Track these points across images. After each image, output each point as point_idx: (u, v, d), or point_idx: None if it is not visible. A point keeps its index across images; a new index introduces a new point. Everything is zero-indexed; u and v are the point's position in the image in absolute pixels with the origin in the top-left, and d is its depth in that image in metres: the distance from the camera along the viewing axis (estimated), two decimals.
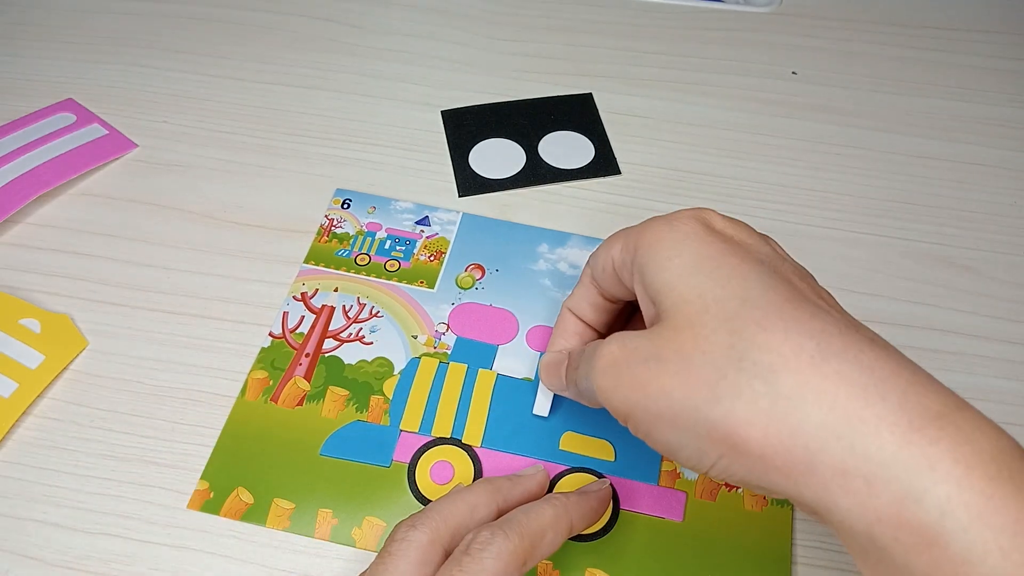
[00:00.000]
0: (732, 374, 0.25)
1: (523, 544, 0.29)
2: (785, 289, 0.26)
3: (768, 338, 0.25)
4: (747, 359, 0.25)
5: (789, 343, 0.25)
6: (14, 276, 0.43)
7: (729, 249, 0.28)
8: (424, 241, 0.45)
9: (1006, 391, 0.40)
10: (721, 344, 0.26)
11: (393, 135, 0.51)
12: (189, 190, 0.47)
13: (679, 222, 0.29)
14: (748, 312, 0.26)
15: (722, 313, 0.26)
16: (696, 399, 0.26)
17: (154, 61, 0.55)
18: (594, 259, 0.33)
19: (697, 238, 0.28)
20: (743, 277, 0.27)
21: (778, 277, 0.27)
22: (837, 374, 0.24)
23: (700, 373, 0.26)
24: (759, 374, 0.25)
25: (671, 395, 0.26)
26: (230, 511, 0.36)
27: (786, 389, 0.24)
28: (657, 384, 0.27)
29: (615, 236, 0.32)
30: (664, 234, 0.29)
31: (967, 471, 0.22)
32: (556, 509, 0.31)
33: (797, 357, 0.24)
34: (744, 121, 0.52)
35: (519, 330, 0.41)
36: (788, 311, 0.25)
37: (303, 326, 0.41)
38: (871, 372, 0.24)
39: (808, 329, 0.25)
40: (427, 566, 0.29)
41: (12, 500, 0.36)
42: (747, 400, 0.25)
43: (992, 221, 0.47)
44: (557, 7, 0.59)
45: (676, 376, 0.26)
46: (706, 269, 0.27)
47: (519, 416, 0.38)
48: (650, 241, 0.29)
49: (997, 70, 0.55)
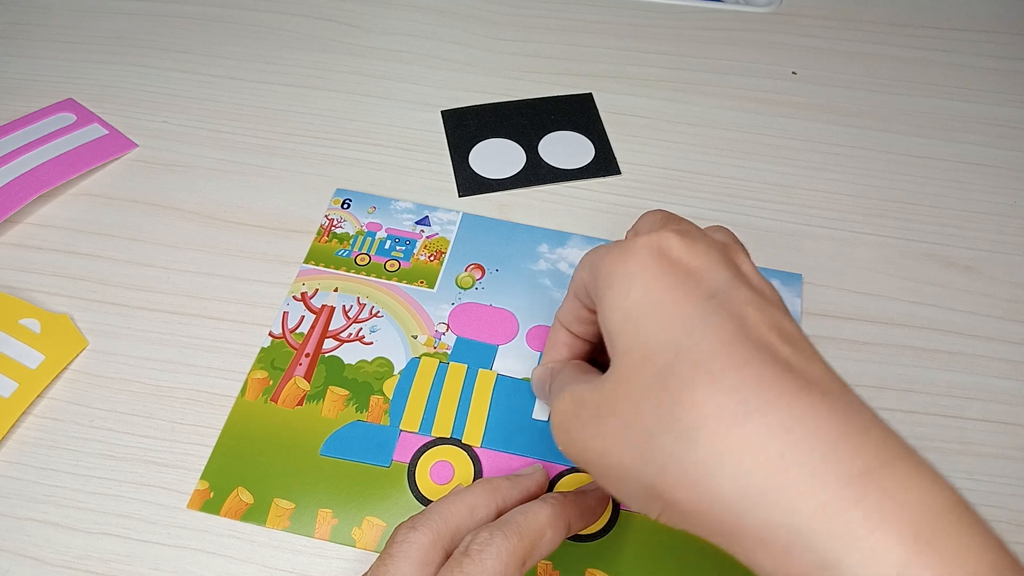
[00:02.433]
0: (659, 435, 0.25)
1: (522, 544, 0.29)
2: (727, 330, 0.25)
3: (692, 396, 0.24)
4: (672, 419, 0.24)
5: (711, 402, 0.24)
6: (14, 276, 0.43)
7: (677, 284, 0.27)
8: (424, 241, 0.45)
9: (1006, 391, 0.40)
10: (651, 403, 0.25)
11: (393, 135, 0.51)
12: (189, 190, 0.47)
13: (633, 253, 0.28)
14: (679, 365, 0.25)
15: (656, 366, 0.25)
16: (630, 461, 0.26)
17: (154, 61, 0.55)
18: (573, 276, 0.33)
19: (647, 273, 0.27)
20: (684, 320, 0.26)
21: (723, 314, 0.26)
22: (757, 436, 0.23)
23: (632, 434, 0.26)
24: (682, 436, 0.24)
25: (610, 454, 0.26)
26: (230, 511, 0.36)
27: (704, 454, 0.24)
28: (598, 443, 0.27)
29: (585, 260, 0.31)
30: (617, 267, 0.28)
31: (886, 536, 0.21)
32: (555, 508, 0.31)
33: (717, 418, 0.24)
34: (744, 121, 0.52)
35: (519, 330, 0.41)
36: (719, 361, 0.24)
37: (303, 326, 0.41)
38: (791, 432, 0.23)
39: (734, 383, 0.24)
40: (428, 567, 0.29)
41: (12, 500, 0.36)
42: (672, 463, 0.24)
43: (992, 221, 0.47)
44: (557, 7, 0.59)
45: (612, 436, 0.26)
46: (650, 312, 0.26)
47: (519, 416, 0.38)
48: (605, 275, 0.28)
49: (997, 70, 0.55)
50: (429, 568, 0.29)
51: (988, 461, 0.38)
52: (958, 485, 0.36)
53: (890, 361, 0.41)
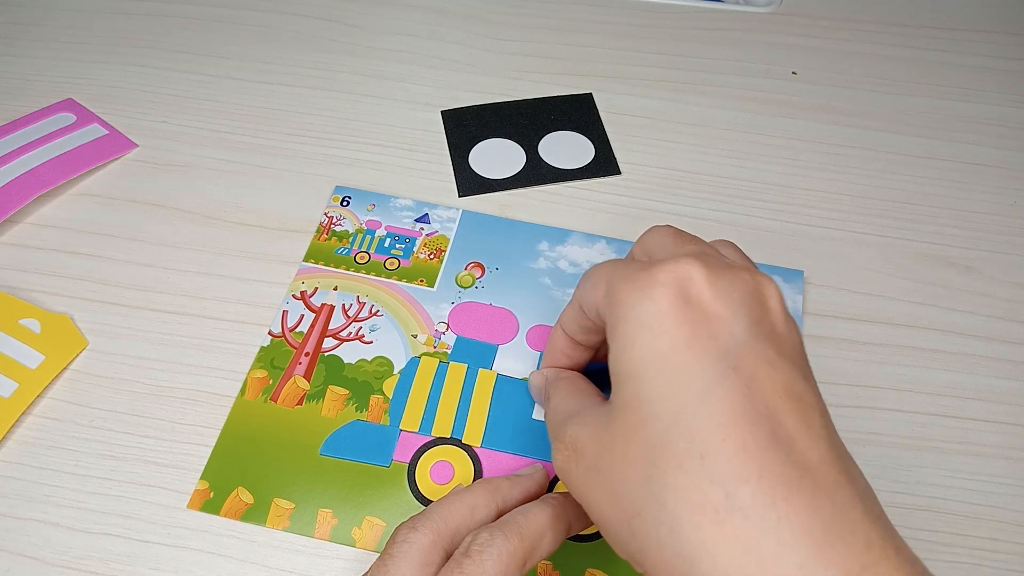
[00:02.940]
0: (645, 513, 0.24)
1: (523, 545, 0.29)
2: (728, 403, 0.24)
3: (681, 481, 0.24)
4: (658, 500, 0.24)
5: (699, 492, 0.23)
6: (14, 276, 0.43)
7: (693, 338, 0.25)
8: (424, 239, 0.45)
9: (1006, 391, 0.40)
10: (641, 475, 0.25)
11: (393, 135, 0.51)
12: (189, 190, 0.47)
13: (653, 290, 0.26)
14: (672, 440, 0.24)
15: (649, 435, 0.25)
16: (619, 527, 0.26)
17: (154, 61, 0.55)
18: (581, 291, 0.31)
19: (664, 320, 0.26)
20: (689, 386, 0.25)
21: (727, 384, 0.24)
22: (736, 537, 0.23)
23: (621, 503, 0.25)
24: (666, 521, 0.24)
25: (603, 511, 0.27)
26: (230, 511, 0.36)
27: (685, 545, 0.23)
28: (594, 495, 0.27)
29: (600, 275, 0.30)
30: (635, 303, 0.26)
31: None
32: (555, 509, 0.31)
33: (703, 511, 0.23)
34: (744, 121, 0.52)
35: (519, 330, 0.41)
36: (711, 443, 0.24)
37: (303, 325, 0.41)
38: (775, 534, 0.22)
39: (723, 474, 0.23)
40: (428, 567, 0.29)
41: (12, 500, 0.36)
42: (655, 546, 0.24)
43: (992, 221, 0.47)
44: (557, 7, 0.59)
45: (606, 496, 0.26)
46: (657, 369, 0.25)
47: (519, 416, 0.38)
48: (620, 308, 0.27)
49: (997, 70, 0.55)
50: (429, 568, 0.29)
51: (988, 461, 0.38)
52: (958, 485, 0.37)
53: (890, 361, 0.41)
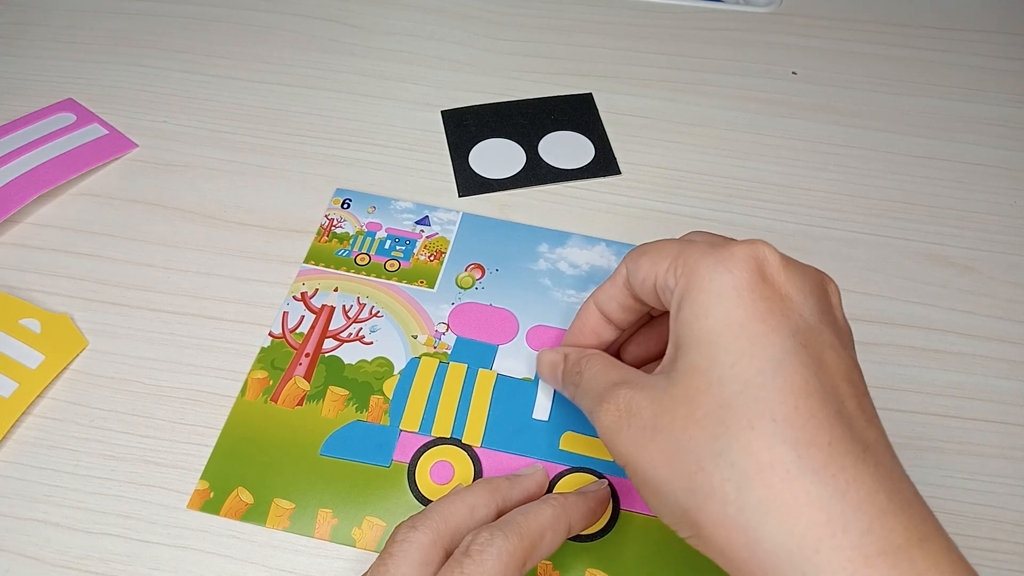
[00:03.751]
0: (710, 470, 0.25)
1: (523, 544, 0.29)
2: (800, 375, 0.25)
3: (751, 440, 0.24)
4: (726, 457, 0.25)
5: (770, 451, 0.24)
6: (14, 276, 0.43)
7: (769, 312, 0.26)
8: (424, 241, 0.45)
9: (1006, 391, 0.40)
10: (708, 433, 0.25)
11: (393, 135, 0.51)
12: (189, 190, 0.47)
13: (734, 264, 0.27)
14: (744, 403, 0.25)
15: (721, 396, 0.25)
16: (675, 484, 0.26)
17: (154, 61, 0.55)
18: (635, 266, 0.31)
19: (741, 292, 0.26)
20: (763, 356, 0.25)
21: (803, 357, 0.25)
22: (807, 495, 0.23)
23: (682, 459, 0.26)
24: (733, 478, 0.24)
25: (656, 471, 0.26)
26: (230, 511, 0.36)
27: (754, 501, 0.24)
28: (647, 454, 0.27)
29: (663, 250, 0.30)
30: (714, 275, 0.27)
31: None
32: (555, 509, 0.31)
33: (772, 469, 0.24)
34: (744, 121, 0.52)
35: (519, 330, 0.41)
36: (786, 408, 0.24)
37: (303, 326, 0.41)
38: (843, 497, 0.23)
39: (796, 437, 0.24)
40: (428, 566, 0.29)
41: (12, 500, 0.36)
42: (717, 501, 0.24)
43: (992, 221, 0.47)
44: (557, 7, 0.59)
45: (662, 454, 0.26)
46: (732, 336, 0.26)
47: (519, 416, 0.38)
48: (700, 280, 0.27)
49: (997, 70, 0.55)
50: (429, 568, 0.29)
51: (988, 461, 0.38)
52: (958, 485, 0.37)
53: (890, 361, 0.41)
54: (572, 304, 0.42)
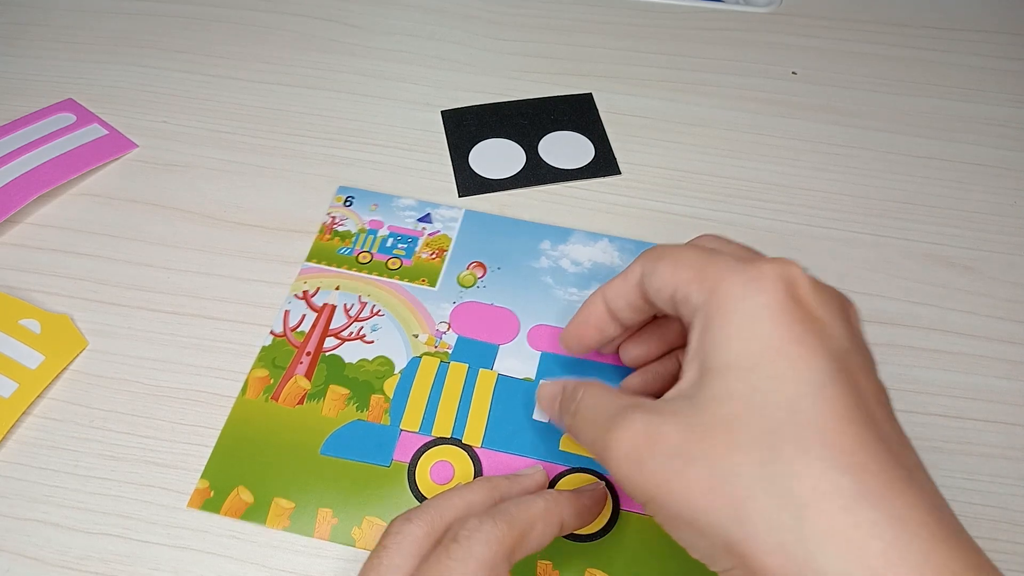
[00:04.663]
0: (761, 497, 0.23)
1: (512, 532, 0.28)
2: (843, 400, 0.24)
3: (805, 467, 0.23)
4: (779, 484, 0.23)
5: (826, 478, 0.23)
6: (14, 276, 0.43)
7: (806, 335, 0.25)
8: (426, 238, 0.45)
9: (1006, 391, 0.40)
10: (755, 459, 0.24)
11: (393, 135, 0.51)
12: (189, 190, 0.47)
13: (766, 284, 0.26)
14: (793, 428, 0.24)
15: (766, 422, 0.24)
16: (718, 513, 0.24)
17: (154, 61, 0.55)
18: (652, 269, 0.30)
19: (775, 313, 0.25)
20: (803, 376, 0.24)
21: (840, 382, 0.25)
22: (868, 524, 0.23)
23: (727, 487, 0.24)
24: (788, 507, 0.23)
25: (694, 502, 0.25)
26: (230, 510, 0.36)
27: (813, 530, 0.23)
28: (681, 485, 0.25)
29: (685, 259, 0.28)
30: (747, 294, 0.26)
31: None
32: (547, 503, 0.30)
33: (830, 497, 0.23)
34: (744, 121, 0.52)
35: (520, 330, 0.41)
36: (835, 434, 0.24)
37: (304, 324, 0.41)
38: (902, 524, 0.23)
39: (849, 463, 0.23)
40: (421, 559, 0.29)
41: (12, 500, 0.36)
42: (772, 530, 0.23)
43: (992, 221, 0.47)
44: (557, 7, 0.59)
45: (701, 482, 0.24)
46: (772, 362, 0.25)
47: (520, 416, 0.38)
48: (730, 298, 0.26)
49: (997, 70, 0.55)
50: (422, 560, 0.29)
51: (988, 461, 0.38)
52: (958, 485, 0.37)
53: (890, 361, 0.41)
54: (573, 302, 0.42)
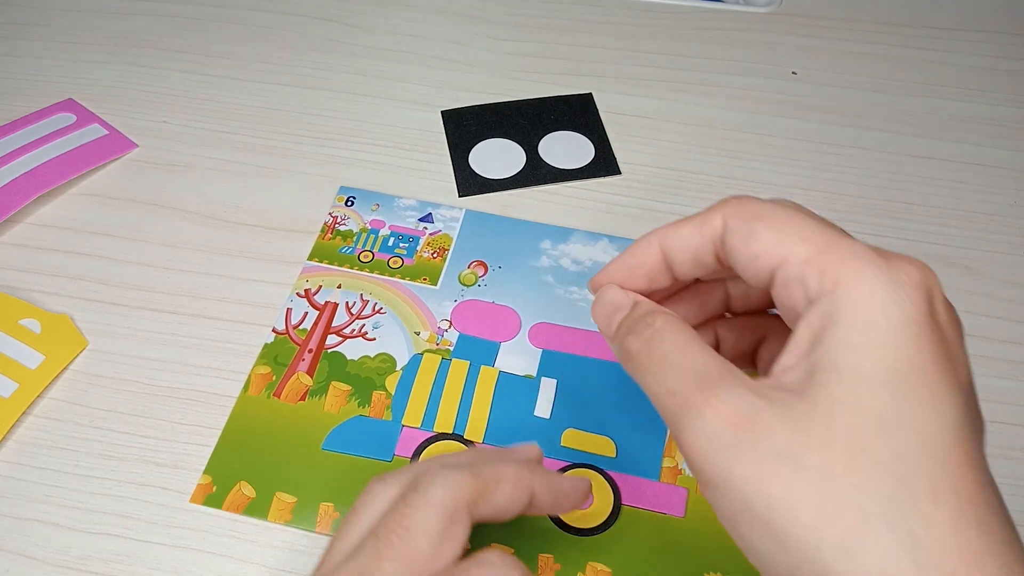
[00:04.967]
0: (882, 533, 0.21)
1: (474, 482, 0.27)
2: (973, 444, 0.22)
3: (935, 512, 0.21)
4: (904, 525, 0.21)
5: (955, 530, 0.21)
6: (14, 276, 0.43)
7: (942, 361, 0.22)
8: (427, 238, 0.45)
9: (1006, 391, 0.40)
10: (881, 488, 0.21)
11: (393, 135, 0.51)
12: (189, 190, 0.47)
13: (911, 291, 0.22)
14: (926, 465, 0.21)
15: (898, 452, 0.21)
16: (824, 536, 0.21)
17: (154, 61, 0.55)
18: (746, 229, 0.25)
19: (919, 330, 0.22)
20: (940, 409, 0.22)
21: (970, 422, 0.22)
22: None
23: (840, 510, 0.21)
24: (910, 551, 0.20)
25: (796, 514, 0.21)
26: (232, 505, 0.35)
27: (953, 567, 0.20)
28: (783, 491, 0.21)
29: (795, 229, 0.24)
30: (883, 299, 0.22)
31: None
32: (519, 467, 0.29)
33: (959, 552, 0.20)
34: (744, 121, 0.52)
35: (521, 327, 0.41)
36: (964, 482, 0.21)
37: (306, 322, 0.41)
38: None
39: (976, 517, 0.21)
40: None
41: (12, 500, 0.36)
42: (883, 569, 0.20)
43: (992, 221, 0.47)
44: (557, 7, 0.59)
45: (810, 496, 0.21)
46: (906, 382, 0.22)
47: (521, 413, 0.38)
48: (865, 299, 0.22)
49: (997, 70, 0.55)
50: None
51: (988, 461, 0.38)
52: None
53: None
54: (574, 301, 0.42)
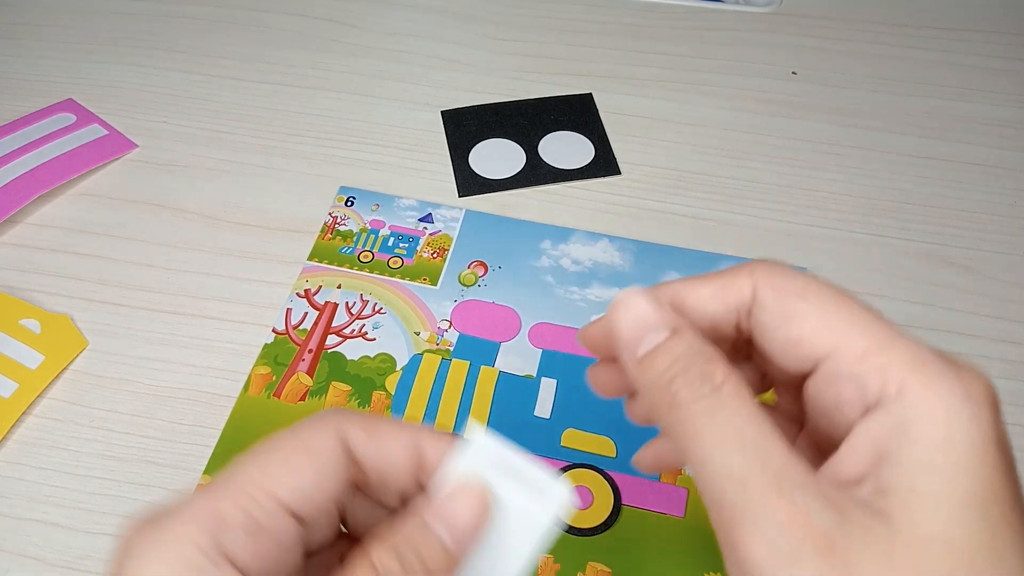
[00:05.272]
0: None
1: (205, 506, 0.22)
2: None
3: None
4: None
5: None
6: (14, 276, 0.43)
7: (1016, 488, 0.20)
8: (427, 238, 0.45)
9: (1006, 391, 0.39)
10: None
11: (393, 135, 0.51)
12: (189, 190, 0.47)
13: (981, 409, 0.20)
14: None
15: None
16: None
17: (154, 61, 0.55)
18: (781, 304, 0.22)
19: (996, 455, 0.20)
20: (1013, 546, 0.19)
21: None
22: None
23: None
24: None
25: None
26: None
27: None
28: None
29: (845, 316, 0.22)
30: (959, 414, 0.20)
31: None
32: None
33: None
34: (744, 121, 0.52)
35: (521, 327, 0.41)
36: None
37: (306, 322, 0.41)
38: None
39: None
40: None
41: (12, 500, 0.36)
42: None
43: (992, 221, 0.47)
44: (557, 7, 0.59)
45: None
46: (993, 517, 0.19)
47: (521, 413, 0.38)
48: (936, 413, 0.20)
49: (997, 70, 0.55)
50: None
51: None
52: None
53: None
54: (574, 301, 0.42)
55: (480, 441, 0.23)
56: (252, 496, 0.21)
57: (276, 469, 0.22)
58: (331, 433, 0.23)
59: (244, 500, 0.21)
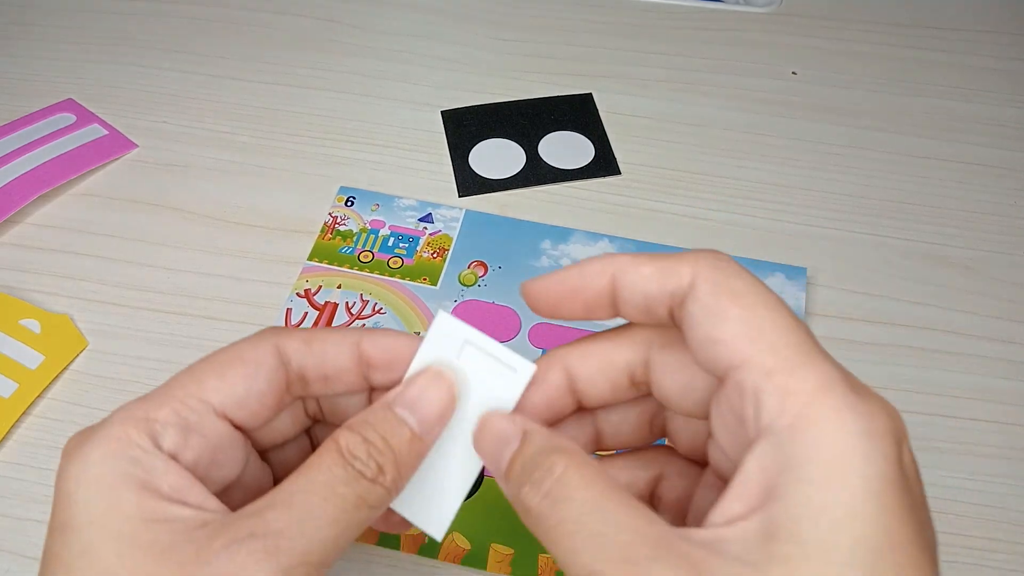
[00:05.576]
0: None
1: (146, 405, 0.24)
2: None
3: None
4: None
5: None
6: (14, 276, 0.43)
7: (915, 530, 0.19)
8: (427, 238, 0.45)
9: (1006, 391, 0.40)
10: None
11: (393, 135, 0.51)
12: (189, 190, 0.47)
13: (881, 445, 0.19)
14: None
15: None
16: None
17: (154, 61, 0.55)
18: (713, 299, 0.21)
19: (893, 496, 0.18)
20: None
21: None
22: None
23: None
24: None
25: None
26: None
27: None
28: None
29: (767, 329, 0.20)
30: (853, 452, 0.19)
31: None
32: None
33: None
34: (744, 121, 0.52)
35: (521, 328, 0.41)
36: None
37: (306, 322, 0.41)
38: None
39: None
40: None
41: (12, 500, 0.36)
42: None
43: (992, 221, 0.47)
44: (557, 7, 0.59)
45: None
46: (887, 564, 0.18)
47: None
48: (827, 448, 0.19)
49: (997, 70, 0.55)
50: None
51: (988, 461, 0.38)
52: (958, 485, 0.37)
53: (890, 361, 0.41)
54: None
55: (448, 325, 0.24)
56: (184, 402, 0.23)
57: (209, 380, 0.24)
58: (266, 346, 0.24)
59: (177, 405, 0.23)
